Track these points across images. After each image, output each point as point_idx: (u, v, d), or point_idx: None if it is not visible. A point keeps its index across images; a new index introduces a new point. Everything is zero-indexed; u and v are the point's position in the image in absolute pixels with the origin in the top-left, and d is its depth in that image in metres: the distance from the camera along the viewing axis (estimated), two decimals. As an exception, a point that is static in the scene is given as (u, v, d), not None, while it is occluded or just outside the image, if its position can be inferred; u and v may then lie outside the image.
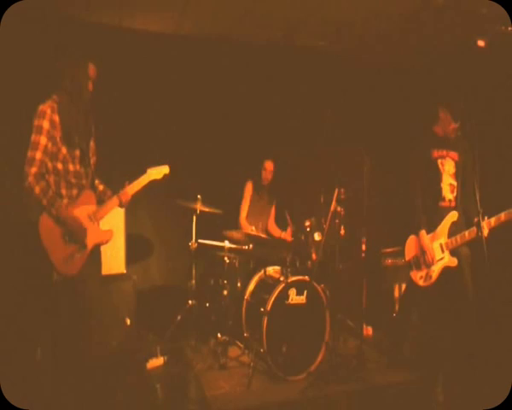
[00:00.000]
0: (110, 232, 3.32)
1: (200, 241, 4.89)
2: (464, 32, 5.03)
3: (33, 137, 2.97)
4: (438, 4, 4.30)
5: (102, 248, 4.34)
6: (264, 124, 5.72)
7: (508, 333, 4.41)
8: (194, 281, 4.84)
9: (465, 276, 3.95)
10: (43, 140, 2.97)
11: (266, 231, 5.55)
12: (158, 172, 3.55)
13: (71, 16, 4.81)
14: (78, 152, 3.14)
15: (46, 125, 2.98)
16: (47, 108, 3.01)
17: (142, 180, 3.47)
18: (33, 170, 2.94)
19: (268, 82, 5.74)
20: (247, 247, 4.84)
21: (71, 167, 3.11)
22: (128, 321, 4.31)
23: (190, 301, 4.80)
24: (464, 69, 5.57)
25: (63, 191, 3.10)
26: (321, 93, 5.91)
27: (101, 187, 3.45)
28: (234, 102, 5.68)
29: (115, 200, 3.33)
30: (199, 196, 4.80)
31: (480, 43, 5.03)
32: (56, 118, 3.02)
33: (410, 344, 4.51)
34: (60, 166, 3.06)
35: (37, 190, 2.94)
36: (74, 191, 3.15)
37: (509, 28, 4.74)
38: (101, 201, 3.34)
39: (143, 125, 5.27)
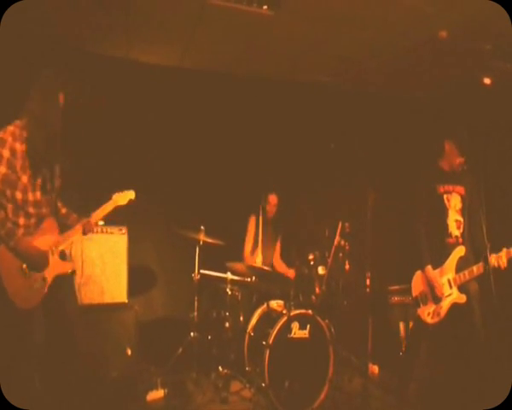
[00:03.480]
0: (70, 264, 3.22)
1: (202, 272, 4.84)
2: (469, 67, 5.08)
3: None
4: (442, 38, 4.34)
5: (104, 277, 4.37)
6: (268, 157, 5.75)
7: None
8: (196, 313, 4.76)
9: (475, 313, 3.83)
10: (1, 169, 2.87)
11: (271, 266, 5.48)
12: (123, 197, 3.46)
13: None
14: (39, 180, 3.04)
15: (6, 153, 2.87)
16: (8, 135, 2.90)
17: (107, 206, 3.36)
18: None
19: (272, 116, 5.78)
20: (249, 279, 4.79)
21: (30, 196, 3.00)
22: (129, 351, 4.25)
23: (192, 334, 4.72)
24: (470, 103, 5.59)
25: (20, 221, 2.98)
26: (324, 127, 5.96)
27: (63, 210, 3.34)
28: (238, 135, 5.73)
29: (78, 228, 3.22)
30: (202, 227, 4.76)
31: (486, 80, 5.07)
32: (17, 146, 2.91)
33: (417, 384, 4.38)
34: (19, 195, 2.95)
35: None
36: (32, 220, 3.04)
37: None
38: (63, 224, 3.24)
39: (147, 156, 5.32)
